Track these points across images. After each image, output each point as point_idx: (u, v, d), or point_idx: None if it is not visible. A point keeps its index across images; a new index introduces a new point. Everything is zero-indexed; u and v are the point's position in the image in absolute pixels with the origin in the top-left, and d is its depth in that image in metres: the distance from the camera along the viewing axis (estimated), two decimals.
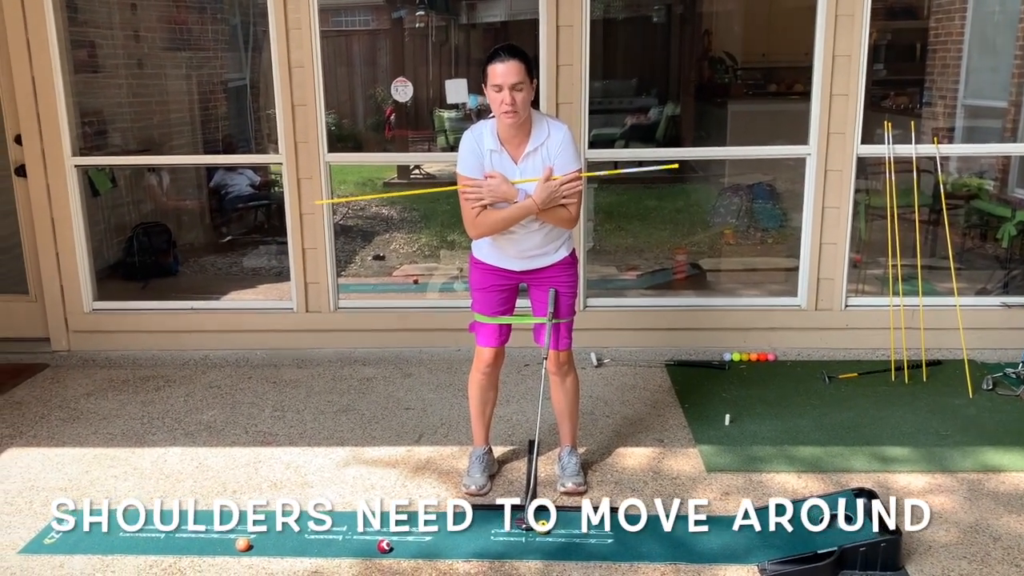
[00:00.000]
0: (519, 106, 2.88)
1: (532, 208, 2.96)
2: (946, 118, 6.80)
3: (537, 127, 3.00)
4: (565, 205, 3.00)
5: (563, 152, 2.99)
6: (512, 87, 2.85)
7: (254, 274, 6.19)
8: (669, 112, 8.22)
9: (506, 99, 2.86)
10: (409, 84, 5.33)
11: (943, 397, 4.11)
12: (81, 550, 2.96)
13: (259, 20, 5.89)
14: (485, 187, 2.98)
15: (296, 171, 4.72)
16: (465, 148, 3.03)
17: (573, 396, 3.35)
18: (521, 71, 2.86)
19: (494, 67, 2.87)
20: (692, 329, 4.81)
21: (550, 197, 2.95)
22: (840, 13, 4.39)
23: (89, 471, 3.55)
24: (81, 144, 4.96)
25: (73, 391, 4.45)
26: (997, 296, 5.02)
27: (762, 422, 3.88)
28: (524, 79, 2.87)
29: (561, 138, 2.99)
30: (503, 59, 2.86)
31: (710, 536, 2.93)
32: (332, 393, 4.35)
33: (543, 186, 2.94)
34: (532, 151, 3.00)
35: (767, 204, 6.32)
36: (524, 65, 2.88)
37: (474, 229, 3.06)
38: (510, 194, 2.97)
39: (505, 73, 2.85)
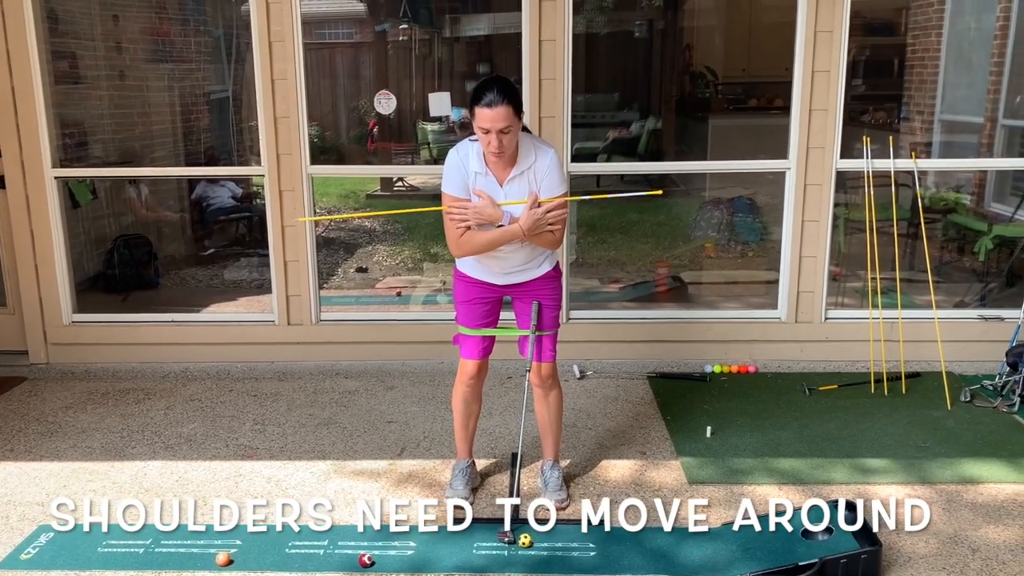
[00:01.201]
0: (506, 147, 2.88)
1: (517, 234, 2.95)
2: (923, 133, 6.89)
3: (524, 150, 2.99)
4: (551, 230, 3.01)
5: (549, 176, 2.99)
6: (500, 131, 2.84)
7: (235, 286, 6.16)
8: (651, 126, 8.27)
9: (493, 142, 2.85)
10: (392, 97, 5.34)
11: (922, 409, 4.15)
12: (59, 565, 2.93)
13: (242, 32, 5.90)
14: (471, 209, 2.97)
15: (278, 183, 4.71)
16: (450, 167, 3.02)
17: (556, 409, 3.36)
18: (509, 115, 2.82)
19: (482, 111, 2.82)
20: (674, 341, 4.83)
21: (536, 224, 2.95)
22: (820, 29, 4.44)
23: (67, 485, 3.52)
24: (61, 156, 4.93)
25: (51, 404, 4.41)
26: (975, 309, 5.08)
27: (743, 434, 3.90)
28: (512, 122, 2.84)
29: (548, 163, 2.99)
30: (492, 105, 2.80)
31: (692, 548, 2.94)
32: (314, 406, 4.33)
33: (529, 214, 2.93)
34: (518, 174, 2.99)
35: (747, 218, 6.37)
36: (512, 107, 2.83)
37: (457, 249, 3.06)
38: (496, 216, 2.97)
39: (493, 119, 2.81)
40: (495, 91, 2.81)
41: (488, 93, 2.81)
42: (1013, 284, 5.24)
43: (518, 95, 2.90)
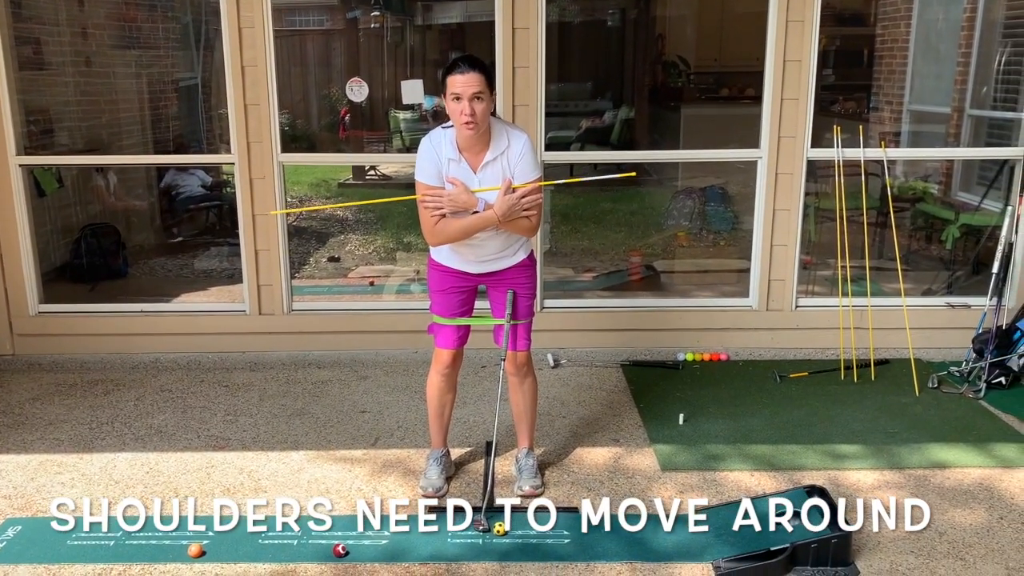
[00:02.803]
0: (479, 117, 2.87)
1: (492, 220, 2.95)
2: (892, 123, 6.97)
3: (496, 136, 2.99)
4: (526, 215, 3.00)
5: (522, 161, 2.99)
6: (472, 97, 2.84)
7: (206, 276, 6.10)
8: (623, 115, 8.29)
9: (465, 109, 2.85)
10: (364, 84, 5.29)
11: (891, 395, 4.21)
12: (26, 559, 2.88)
13: (211, 18, 5.81)
14: (445, 196, 2.96)
15: (249, 171, 4.66)
16: (423, 156, 3.01)
17: (531, 397, 3.36)
18: (481, 82, 2.85)
19: (454, 77, 2.85)
20: (647, 330, 4.86)
21: (511, 210, 2.95)
22: (791, 19, 4.46)
23: (35, 478, 3.47)
24: (26, 143, 4.84)
25: (18, 396, 4.33)
26: (942, 296, 5.15)
27: (715, 421, 3.93)
28: (484, 89, 2.86)
29: (521, 147, 2.99)
30: (463, 70, 2.85)
31: (666, 534, 2.96)
32: (286, 396, 4.30)
33: (503, 199, 2.93)
34: (492, 160, 2.99)
35: (719, 207, 6.41)
36: (484, 76, 2.87)
37: (433, 237, 3.05)
38: (470, 203, 2.96)
39: (465, 83, 2.83)
40: (467, 61, 2.88)
41: (461, 63, 2.88)
42: (979, 272, 5.32)
43: (490, 69, 2.93)
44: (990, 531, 3.03)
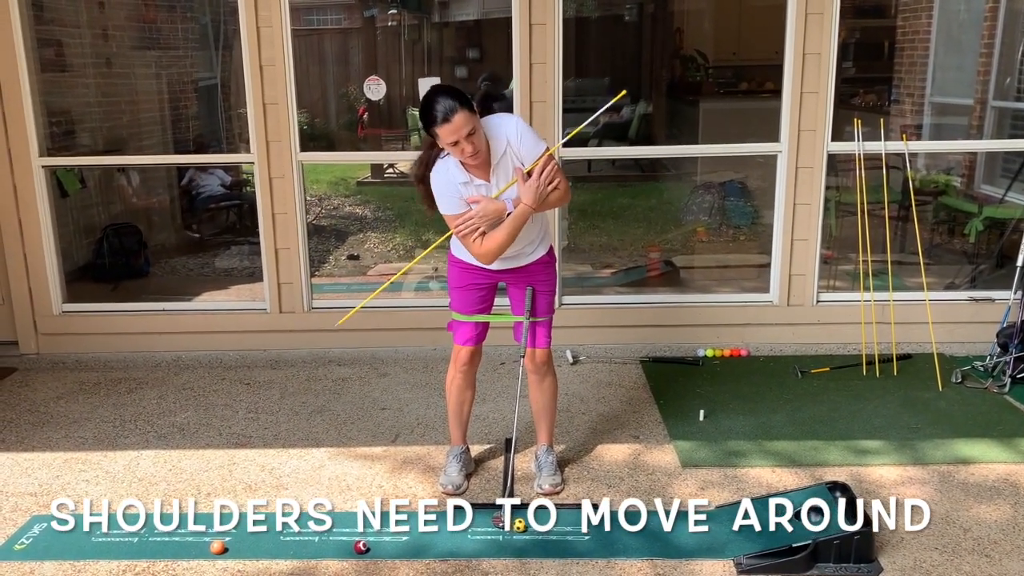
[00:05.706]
0: (480, 147, 2.85)
1: (528, 210, 2.92)
2: (914, 115, 6.90)
3: (493, 137, 2.94)
4: (554, 187, 2.96)
5: (524, 142, 2.95)
6: (467, 136, 2.80)
7: (226, 275, 6.14)
8: (641, 111, 8.25)
9: (467, 149, 2.81)
10: (382, 83, 5.30)
11: (914, 390, 4.17)
12: (52, 556, 2.92)
13: (229, 18, 5.85)
14: (476, 216, 2.94)
15: (268, 170, 4.68)
16: (439, 191, 2.98)
17: (551, 395, 3.36)
18: (467, 116, 2.77)
19: (444, 128, 2.77)
20: (666, 326, 4.84)
21: (539, 193, 2.92)
22: (810, 12, 4.43)
23: (60, 476, 3.51)
24: (49, 144, 4.89)
25: (43, 394, 4.38)
26: (965, 290, 5.09)
27: (736, 417, 3.91)
28: (472, 120, 2.79)
29: (516, 132, 2.95)
30: (447, 117, 2.75)
31: (687, 531, 2.94)
32: (307, 394, 4.32)
33: (526, 188, 2.90)
34: (499, 160, 2.96)
35: (739, 201, 6.38)
36: (466, 108, 2.77)
37: (486, 257, 3.00)
38: (500, 210, 2.94)
39: (455, 130, 2.76)
40: (444, 103, 2.77)
41: (438, 109, 2.77)
42: (1003, 265, 5.26)
43: (462, 92, 2.84)
44: (1016, 527, 3.00)
